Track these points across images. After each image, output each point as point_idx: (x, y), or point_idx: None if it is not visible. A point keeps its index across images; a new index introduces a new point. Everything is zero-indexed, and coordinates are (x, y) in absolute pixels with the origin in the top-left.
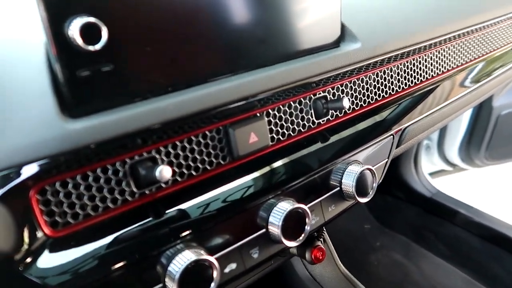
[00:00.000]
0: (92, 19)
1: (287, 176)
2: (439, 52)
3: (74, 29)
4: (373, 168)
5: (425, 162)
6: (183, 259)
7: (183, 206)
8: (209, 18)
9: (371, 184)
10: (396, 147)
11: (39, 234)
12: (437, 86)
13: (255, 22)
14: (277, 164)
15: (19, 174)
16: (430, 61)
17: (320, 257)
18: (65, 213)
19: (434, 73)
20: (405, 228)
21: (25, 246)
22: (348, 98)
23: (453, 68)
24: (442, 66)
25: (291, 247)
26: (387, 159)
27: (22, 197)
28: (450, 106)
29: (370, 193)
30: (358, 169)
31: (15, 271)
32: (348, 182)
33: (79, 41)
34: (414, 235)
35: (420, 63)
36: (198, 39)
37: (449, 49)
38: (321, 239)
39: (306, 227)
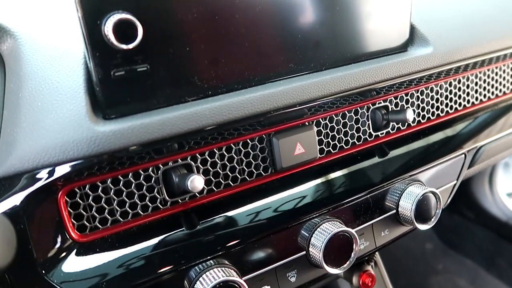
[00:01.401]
0: (126, 16)
1: (336, 193)
2: None
3: (108, 26)
4: (437, 192)
5: (503, 181)
6: (211, 278)
7: (218, 219)
8: (257, 15)
9: (434, 209)
10: (468, 168)
11: (66, 237)
12: None
13: (309, 20)
14: (325, 179)
15: (48, 175)
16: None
17: (369, 284)
18: (94, 217)
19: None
20: (473, 252)
21: (50, 249)
22: (414, 110)
23: None
24: None
25: (332, 274)
26: (455, 181)
27: (50, 199)
28: None
29: (433, 220)
30: (420, 191)
31: (37, 274)
32: (407, 205)
33: (112, 38)
34: (484, 261)
35: (504, 72)
36: (241, 39)
37: None
38: (372, 263)
39: (352, 253)
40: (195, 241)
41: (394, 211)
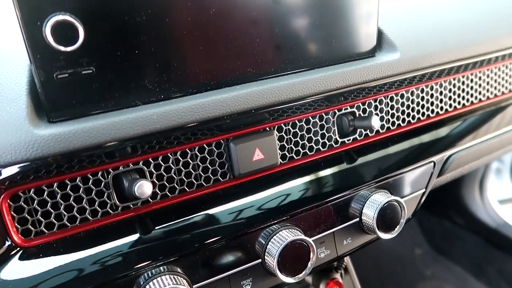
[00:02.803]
0: (65, 17)
1: (297, 200)
2: (500, 70)
3: (47, 28)
4: (401, 200)
5: (495, 187)
6: (158, 286)
7: (173, 224)
8: (211, 15)
9: (398, 218)
10: (438, 176)
11: (7, 242)
12: (497, 109)
13: (270, 22)
14: (287, 186)
15: None
16: (488, 80)
17: None
18: (40, 221)
19: (492, 94)
20: (462, 258)
21: None
22: (383, 116)
23: (503, 94)
24: (504, 87)
25: (288, 284)
26: (424, 190)
27: None
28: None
29: (396, 229)
30: (383, 199)
31: None
32: (370, 213)
33: (51, 41)
34: (472, 267)
35: (474, 79)
36: (195, 40)
37: (502, 69)
38: (341, 271)
39: (309, 263)
40: (147, 247)
41: (358, 219)
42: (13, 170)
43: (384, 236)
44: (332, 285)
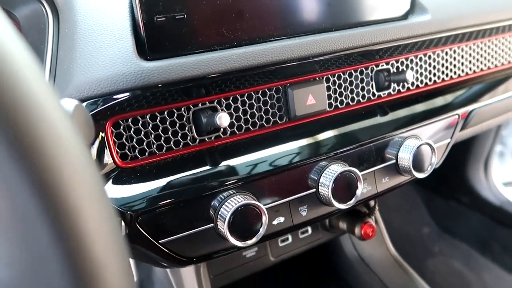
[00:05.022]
0: None
1: (342, 142)
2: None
3: None
4: (433, 144)
5: (498, 170)
6: (235, 202)
7: (239, 157)
8: None
9: (430, 160)
10: (461, 130)
11: (110, 162)
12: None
13: None
14: (333, 130)
15: (99, 104)
16: (503, 47)
17: (370, 234)
18: (134, 147)
19: (506, 61)
20: (468, 236)
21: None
22: (413, 73)
23: None
24: None
25: (340, 209)
26: (450, 140)
27: (100, 127)
28: None
29: (428, 169)
30: (417, 143)
31: None
32: (405, 156)
33: None
34: (478, 244)
35: (498, 44)
36: (263, 2)
37: None
38: (373, 217)
39: (357, 191)
40: (219, 175)
41: (394, 161)
42: (120, 97)
43: (419, 175)
44: (366, 227)
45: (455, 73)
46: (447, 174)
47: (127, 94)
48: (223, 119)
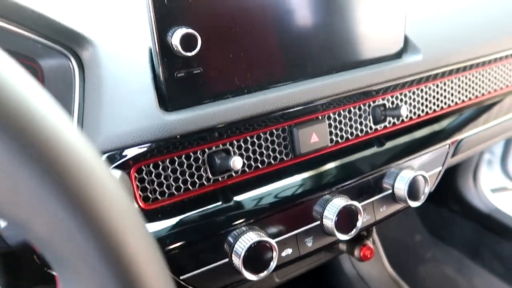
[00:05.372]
0: (191, 30)
1: (343, 175)
2: (504, 66)
3: (176, 38)
4: (426, 175)
5: (486, 177)
6: (248, 239)
7: (249, 194)
8: (284, 31)
9: (423, 189)
10: (452, 157)
11: (136, 206)
12: (500, 100)
13: (325, 32)
14: (335, 163)
15: (125, 155)
16: (495, 75)
17: (368, 256)
18: (155, 190)
19: (499, 87)
20: (459, 243)
21: None
22: (407, 107)
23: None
24: (508, 80)
25: (342, 240)
26: (441, 168)
27: (125, 174)
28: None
29: (422, 198)
30: (411, 174)
31: None
32: (401, 186)
33: (180, 48)
34: (469, 251)
35: (485, 74)
36: (272, 51)
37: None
38: (371, 239)
39: (357, 223)
40: (231, 212)
41: (390, 191)
42: (144, 148)
43: (413, 204)
44: (365, 250)
45: (445, 103)
46: (438, 182)
47: (151, 144)
48: (236, 162)
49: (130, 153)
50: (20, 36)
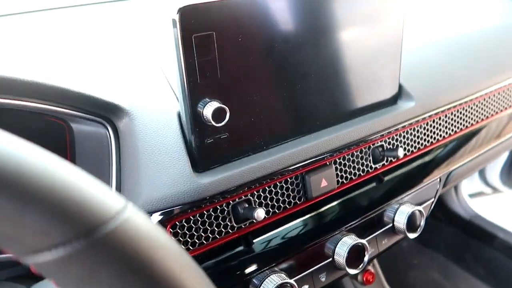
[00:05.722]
0: (221, 105)
1: (349, 214)
2: (484, 100)
3: (208, 112)
4: (422, 209)
5: (465, 183)
6: (272, 282)
7: (269, 237)
8: (294, 94)
9: (420, 222)
10: (443, 188)
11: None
12: (482, 129)
13: (328, 86)
14: (341, 203)
15: (163, 215)
16: (476, 108)
17: (371, 280)
18: (187, 242)
19: (479, 119)
20: (444, 248)
21: None
22: (404, 148)
23: (501, 111)
24: (490, 109)
25: (352, 273)
26: (434, 199)
27: None
28: (495, 148)
29: (419, 230)
30: (409, 209)
31: None
32: (401, 220)
33: (212, 121)
34: (453, 255)
35: (473, 106)
36: (285, 110)
37: (498, 93)
38: (371, 264)
39: (365, 258)
40: (254, 256)
41: (391, 225)
42: (179, 209)
43: (412, 235)
44: (367, 275)
45: (435, 138)
46: None
47: (187, 205)
48: (260, 213)
49: (169, 213)
50: (60, 113)
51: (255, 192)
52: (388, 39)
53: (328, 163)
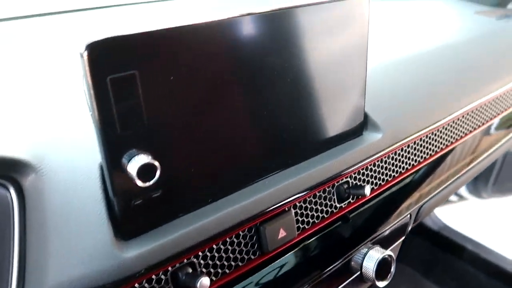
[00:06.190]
0: (148, 160)
1: (312, 263)
2: (449, 125)
3: (132, 169)
4: (392, 254)
5: None
6: None
7: None
8: (244, 135)
9: (390, 268)
10: (413, 223)
11: None
12: (451, 152)
13: (284, 122)
14: (302, 251)
15: None
16: (441, 134)
17: None
18: None
19: (444, 145)
20: (413, 261)
21: None
22: (371, 182)
23: (466, 134)
24: (460, 131)
25: None
26: (404, 236)
27: None
28: (464, 175)
29: (389, 277)
30: (379, 255)
31: None
32: (369, 266)
33: (138, 181)
34: (422, 268)
35: (438, 133)
36: (233, 154)
37: (463, 117)
38: None
39: None
40: None
41: (359, 272)
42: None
43: (381, 284)
44: None
45: (403, 168)
46: None
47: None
48: (204, 283)
49: None
50: None
51: (200, 253)
52: (352, 66)
53: (286, 208)
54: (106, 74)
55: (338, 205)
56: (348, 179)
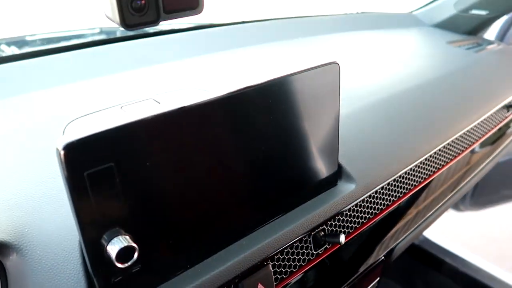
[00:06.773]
0: (127, 244)
1: None
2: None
3: (112, 251)
4: None
5: None
6: None
7: None
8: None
9: None
10: (387, 266)
11: None
12: (423, 190)
13: (264, 186)
14: None
15: None
16: (413, 172)
17: None
18: None
19: (417, 182)
20: (394, 274)
21: None
22: (345, 228)
23: (438, 170)
24: (429, 170)
25: None
26: (379, 277)
27: None
28: (435, 212)
29: None
30: None
31: None
32: None
33: (116, 263)
34: (403, 282)
35: (407, 175)
36: (209, 225)
37: (431, 156)
38: None
39: None
40: None
41: None
42: None
43: None
44: None
45: (378, 208)
46: None
47: None
48: None
49: None
50: None
51: None
52: (326, 124)
53: (265, 263)
54: (83, 169)
55: (315, 252)
56: (325, 226)
